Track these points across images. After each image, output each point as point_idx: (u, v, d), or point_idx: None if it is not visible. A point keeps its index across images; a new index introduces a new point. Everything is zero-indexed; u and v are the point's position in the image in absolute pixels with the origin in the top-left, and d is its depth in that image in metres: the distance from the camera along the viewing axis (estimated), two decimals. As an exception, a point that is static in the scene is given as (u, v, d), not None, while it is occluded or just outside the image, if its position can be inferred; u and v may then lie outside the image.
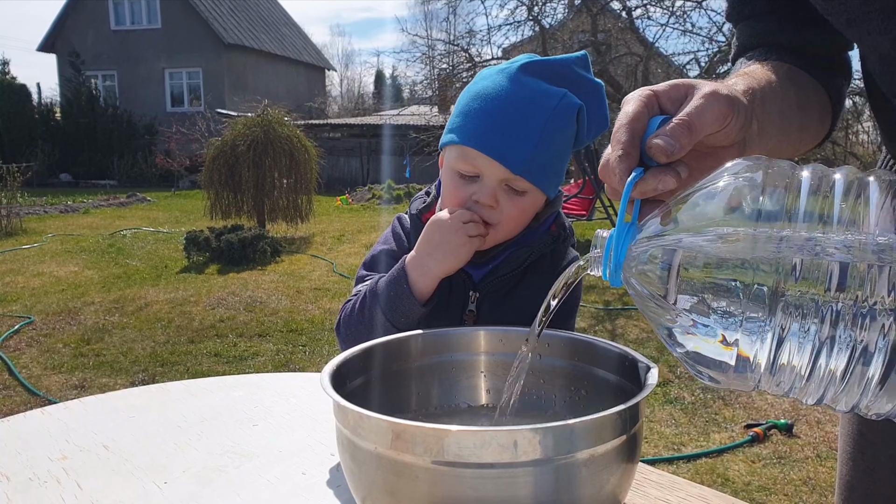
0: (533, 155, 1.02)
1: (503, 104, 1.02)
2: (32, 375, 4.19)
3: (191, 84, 22.78)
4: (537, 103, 1.02)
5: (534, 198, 1.07)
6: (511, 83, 1.04)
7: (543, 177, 1.05)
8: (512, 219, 1.06)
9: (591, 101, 1.07)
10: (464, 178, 1.05)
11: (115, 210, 13.05)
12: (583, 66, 1.08)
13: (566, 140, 1.06)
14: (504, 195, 1.04)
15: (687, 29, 8.38)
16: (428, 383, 0.97)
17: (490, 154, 1.02)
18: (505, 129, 1.02)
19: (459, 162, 1.05)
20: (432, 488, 0.67)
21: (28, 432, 1.11)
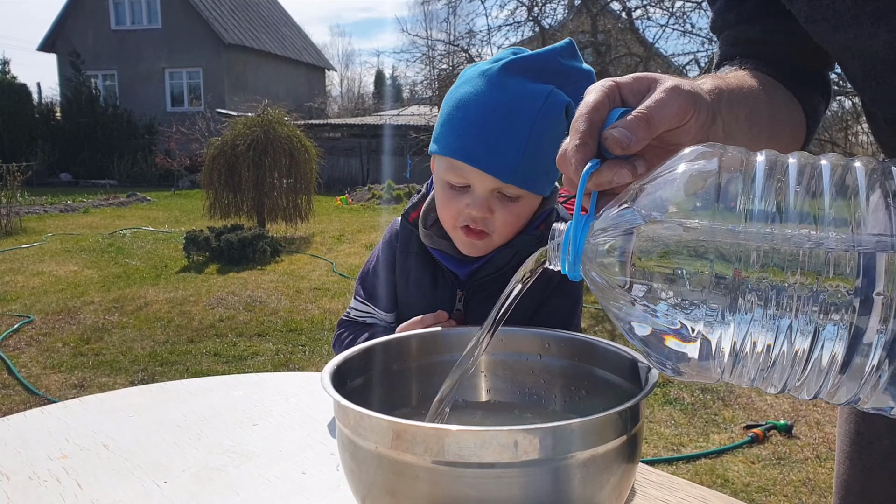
0: (522, 161, 0.99)
1: (487, 111, 0.99)
2: (32, 375, 4.19)
3: (191, 84, 22.78)
4: (522, 106, 0.98)
5: (528, 201, 1.05)
6: (493, 87, 1.00)
7: (536, 180, 1.03)
8: (508, 224, 1.04)
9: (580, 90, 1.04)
10: (455, 189, 1.03)
11: (115, 210, 13.05)
12: (569, 56, 1.03)
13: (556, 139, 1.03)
14: (497, 202, 1.02)
15: (686, 30, 8.39)
16: (428, 383, 0.97)
17: (478, 166, 0.99)
18: (491, 138, 0.98)
19: (448, 173, 1.03)
20: (432, 488, 0.67)
21: (28, 431, 1.11)
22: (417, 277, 1.15)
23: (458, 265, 1.10)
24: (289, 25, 28.78)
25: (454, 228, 1.06)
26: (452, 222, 1.05)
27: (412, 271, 1.16)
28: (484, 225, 1.03)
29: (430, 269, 1.14)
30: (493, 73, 1.00)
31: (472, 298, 1.10)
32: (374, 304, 1.23)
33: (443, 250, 1.10)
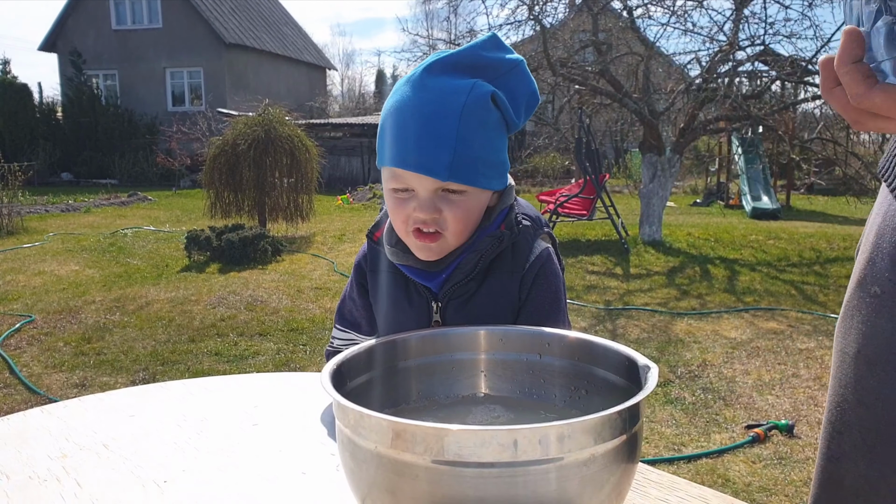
0: (455, 157, 0.98)
1: (413, 114, 0.99)
2: (33, 374, 4.19)
3: (192, 83, 22.78)
4: (446, 103, 0.98)
5: (476, 196, 1.04)
6: (417, 90, 1.00)
7: (477, 174, 1.01)
8: (459, 220, 1.03)
9: (511, 80, 1.02)
10: (400, 195, 1.03)
11: (116, 209, 13.06)
12: (493, 48, 1.03)
13: (491, 129, 1.02)
14: (442, 201, 1.01)
15: (688, 28, 8.37)
16: (428, 383, 0.97)
17: (412, 169, 0.99)
18: (420, 139, 0.98)
19: (391, 181, 1.03)
20: (432, 488, 0.67)
21: (28, 431, 1.11)
22: (391, 295, 1.14)
23: (428, 277, 1.09)
24: (290, 25, 28.78)
25: (406, 235, 1.05)
26: (404, 228, 1.04)
27: (384, 290, 1.15)
28: (436, 225, 1.02)
29: (402, 285, 1.12)
30: (416, 77, 1.01)
31: (447, 307, 1.09)
32: (355, 332, 1.23)
33: (410, 265, 1.09)
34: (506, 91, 1.02)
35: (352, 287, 1.22)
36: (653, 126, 8.06)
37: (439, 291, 1.09)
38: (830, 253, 7.77)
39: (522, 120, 1.06)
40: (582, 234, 8.99)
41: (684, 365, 4.29)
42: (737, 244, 8.22)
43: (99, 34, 22.48)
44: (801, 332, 4.98)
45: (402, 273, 1.11)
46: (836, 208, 12.23)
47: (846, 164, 8.16)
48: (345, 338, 1.23)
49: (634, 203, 10.71)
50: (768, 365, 4.29)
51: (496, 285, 1.08)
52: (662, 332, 5.01)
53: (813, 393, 3.82)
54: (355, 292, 1.21)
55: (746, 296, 6.04)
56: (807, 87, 8.39)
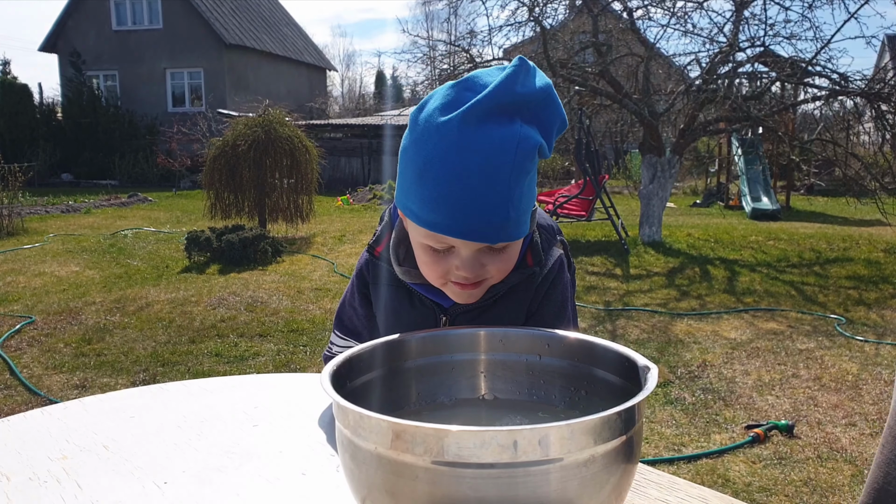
0: (507, 220, 0.92)
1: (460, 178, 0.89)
2: (33, 375, 4.19)
3: (192, 84, 22.78)
4: (495, 164, 0.88)
5: (517, 244, 1.00)
6: (457, 148, 0.88)
7: (522, 227, 0.96)
8: (502, 270, 1.00)
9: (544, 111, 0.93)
10: (438, 252, 0.97)
11: (117, 210, 13.06)
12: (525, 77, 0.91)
13: (532, 178, 0.95)
14: (486, 256, 0.97)
15: (688, 30, 8.37)
16: (428, 383, 0.97)
17: (464, 238, 0.92)
18: (471, 207, 0.89)
19: (428, 239, 0.96)
20: (432, 488, 0.67)
21: (28, 432, 1.11)
22: (394, 307, 1.12)
23: (441, 297, 1.06)
24: (290, 26, 28.78)
25: (444, 285, 1.01)
26: (441, 281, 1.00)
27: (387, 301, 1.13)
28: (477, 277, 0.98)
29: (406, 297, 1.11)
30: (453, 128, 0.89)
31: (455, 321, 1.09)
32: (355, 340, 1.21)
33: (424, 283, 1.05)
34: (540, 126, 0.93)
35: (353, 295, 1.19)
36: (653, 127, 8.06)
37: (449, 307, 1.08)
38: (830, 254, 7.77)
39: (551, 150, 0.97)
40: (582, 234, 8.99)
41: (684, 365, 4.29)
42: (737, 245, 8.22)
43: (99, 35, 22.48)
44: (800, 332, 4.98)
45: (406, 286, 1.09)
46: (836, 209, 12.23)
47: (846, 165, 8.16)
48: (344, 345, 1.21)
49: (634, 204, 10.71)
50: (768, 365, 4.29)
51: (512, 301, 1.08)
52: (662, 332, 5.01)
53: (813, 393, 3.82)
54: (357, 301, 1.19)
55: (746, 296, 6.04)
56: (807, 89, 8.39)
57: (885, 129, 7.89)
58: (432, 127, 0.91)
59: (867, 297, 6.02)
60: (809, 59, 7.74)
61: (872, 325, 5.16)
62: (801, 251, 7.87)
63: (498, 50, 17.48)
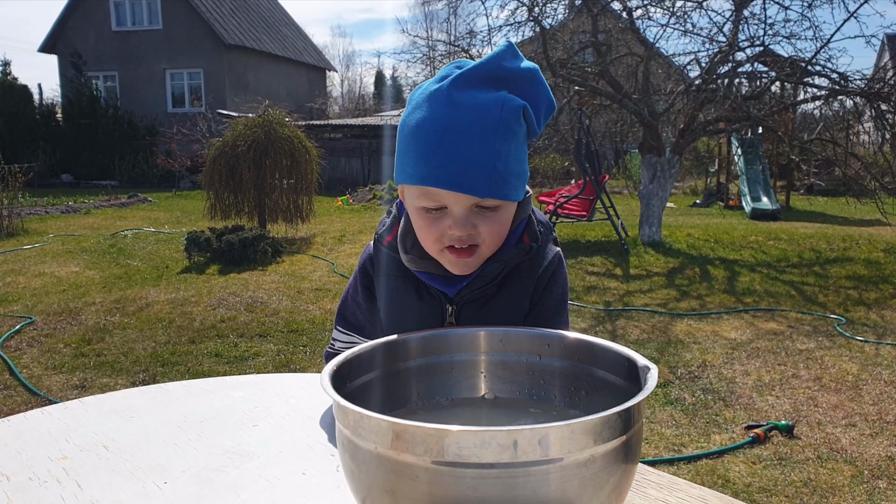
0: (493, 174, 0.97)
1: (448, 132, 0.97)
2: (33, 375, 4.19)
3: (192, 85, 22.79)
4: (481, 119, 0.97)
5: (507, 209, 1.04)
6: (447, 106, 0.98)
7: (510, 188, 1.01)
8: (494, 234, 1.03)
9: (531, 90, 1.02)
10: (432, 213, 1.02)
11: (117, 210, 13.06)
12: (512, 58, 1.01)
13: (520, 142, 1.02)
14: (477, 217, 1.01)
15: (687, 29, 8.37)
16: (428, 383, 0.97)
17: (453, 188, 0.98)
18: (459, 157, 0.97)
19: (421, 199, 1.02)
20: (432, 488, 0.67)
21: (28, 432, 1.11)
22: (400, 299, 1.13)
23: (447, 284, 1.08)
24: (289, 26, 28.78)
25: (440, 252, 1.04)
26: (437, 246, 1.04)
27: (394, 293, 1.14)
28: (471, 240, 1.02)
29: (414, 288, 1.12)
30: (443, 93, 0.98)
31: (462, 310, 1.09)
32: (358, 334, 1.22)
33: (429, 272, 1.08)
34: (529, 100, 1.01)
35: (356, 289, 1.20)
36: (652, 127, 8.06)
37: (455, 296, 1.09)
38: (830, 254, 7.77)
39: (542, 128, 1.05)
40: (582, 234, 8.99)
41: (684, 366, 4.29)
42: (736, 245, 8.22)
43: (99, 35, 22.49)
44: (800, 332, 4.98)
45: (413, 277, 1.11)
46: (836, 209, 12.23)
47: (846, 165, 8.16)
48: (347, 340, 1.22)
49: (634, 204, 10.71)
50: (768, 366, 4.29)
51: (514, 289, 1.09)
52: (662, 332, 5.01)
53: (813, 393, 3.82)
54: (360, 295, 1.20)
55: (746, 296, 6.04)
56: (806, 88, 8.39)
57: (884, 129, 7.89)
58: (425, 95, 1.01)
59: (867, 297, 6.02)
60: (809, 58, 7.74)
61: (872, 326, 5.16)
62: (801, 251, 7.87)
63: (498, 50, 17.41)
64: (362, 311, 1.21)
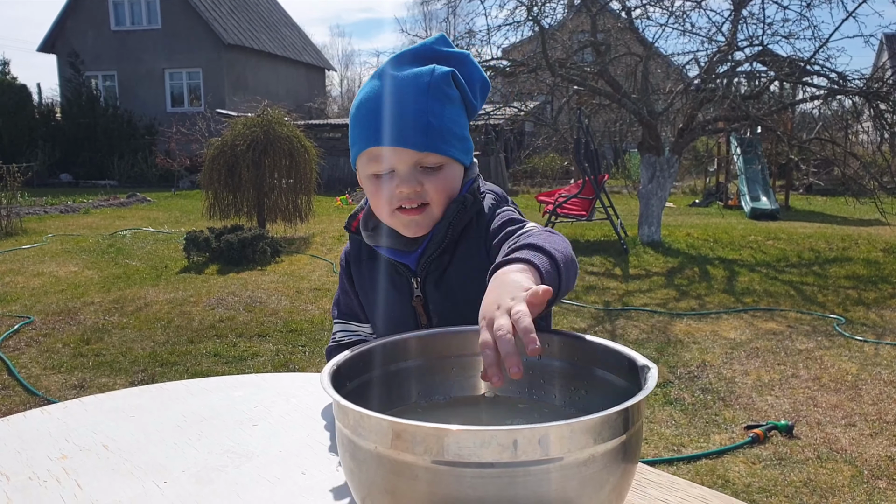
0: (429, 128, 1.06)
1: (384, 97, 1.08)
2: (32, 375, 4.19)
3: (191, 84, 22.77)
4: (413, 84, 1.07)
5: (451, 169, 1.11)
6: (385, 79, 1.09)
7: (449, 145, 1.09)
8: (441, 191, 1.09)
9: (464, 68, 1.13)
10: (381, 178, 1.10)
11: (115, 210, 13.05)
12: (444, 45, 1.14)
13: (454, 106, 1.10)
14: (423, 175, 1.08)
15: (686, 29, 8.36)
16: (427, 383, 0.97)
17: (393, 143, 1.06)
18: (395, 117, 1.06)
19: (371, 165, 1.10)
20: (432, 488, 0.67)
21: (28, 432, 1.11)
22: (374, 280, 1.20)
23: (404, 256, 1.15)
24: (289, 26, 28.77)
25: (392, 215, 1.11)
26: (389, 209, 1.10)
27: (368, 276, 1.20)
28: (420, 198, 1.08)
29: (385, 269, 1.18)
30: (380, 71, 1.11)
31: (426, 282, 1.14)
32: (354, 321, 1.27)
33: (387, 245, 1.15)
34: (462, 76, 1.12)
35: (342, 280, 1.28)
36: (651, 126, 8.06)
37: (416, 268, 1.14)
38: (829, 253, 7.77)
39: (479, 104, 1.15)
40: (581, 234, 8.99)
41: (683, 365, 4.29)
42: (736, 245, 8.22)
43: (98, 35, 22.46)
44: (800, 332, 4.99)
45: (381, 257, 1.17)
46: (835, 209, 12.24)
47: (845, 165, 8.16)
48: (346, 329, 1.27)
49: (633, 203, 10.71)
50: (767, 365, 4.29)
51: (466, 253, 1.12)
52: (661, 332, 5.01)
53: (812, 393, 3.82)
54: (346, 284, 1.26)
55: (745, 296, 6.04)
56: (805, 88, 8.39)
57: (883, 129, 7.89)
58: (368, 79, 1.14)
59: (866, 296, 6.02)
60: (808, 58, 7.74)
61: (872, 325, 5.17)
62: (800, 251, 7.87)
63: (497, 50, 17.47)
64: (352, 298, 1.26)
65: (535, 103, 11.14)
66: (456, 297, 1.12)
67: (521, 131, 18.11)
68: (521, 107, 9.75)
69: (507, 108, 9.66)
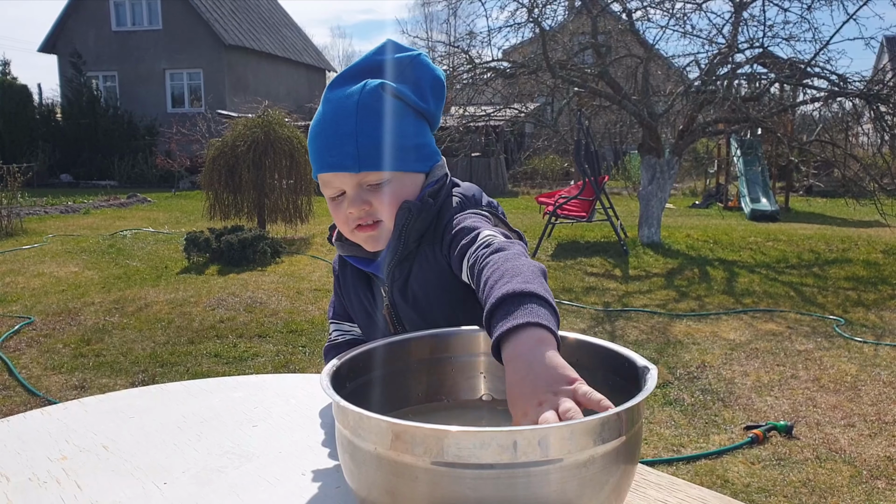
0: (359, 149, 1.06)
1: (321, 124, 1.10)
2: (32, 376, 4.19)
3: (191, 85, 22.78)
4: (343, 106, 1.08)
5: (401, 180, 1.10)
6: (323, 105, 1.11)
7: (389, 159, 1.08)
8: (389, 205, 1.09)
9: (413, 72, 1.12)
10: (336, 201, 1.12)
11: (116, 210, 13.05)
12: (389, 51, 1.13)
13: (395, 117, 1.08)
14: (369, 193, 1.09)
15: (687, 31, 8.37)
16: (427, 384, 0.97)
17: (329, 170, 1.09)
18: (328, 143, 1.08)
19: (326, 189, 1.13)
20: (432, 489, 0.67)
21: (28, 432, 1.11)
22: (355, 287, 1.22)
23: (368, 265, 1.17)
24: (289, 26, 28.78)
25: (351, 233, 1.13)
26: (347, 229, 1.12)
27: (350, 284, 1.22)
28: (371, 217, 1.09)
29: (363, 278, 1.20)
30: (323, 95, 1.13)
31: (392, 290, 1.14)
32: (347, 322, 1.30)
33: (354, 254, 1.17)
34: (409, 82, 1.11)
35: (335, 286, 1.30)
36: (652, 128, 8.07)
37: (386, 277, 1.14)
38: (829, 255, 7.77)
39: (432, 104, 1.13)
40: (581, 235, 9.00)
41: (683, 366, 4.29)
42: (735, 246, 8.22)
43: (99, 35, 22.47)
44: (799, 333, 4.99)
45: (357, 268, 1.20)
46: (835, 210, 12.24)
47: (845, 166, 8.16)
48: (340, 328, 1.30)
49: (633, 205, 10.71)
50: (767, 366, 4.29)
51: (424, 259, 1.11)
52: (661, 333, 5.01)
53: (812, 394, 3.82)
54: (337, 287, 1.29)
55: (745, 297, 6.04)
56: (805, 90, 8.39)
57: (883, 131, 7.89)
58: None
59: (866, 298, 6.02)
60: (808, 60, 7.74)
61: (871, 326, 5.17)
62: (800, 252, 7.87)
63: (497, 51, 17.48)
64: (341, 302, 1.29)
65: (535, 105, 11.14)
66: (420, 304, 1.10)
67: (521, 133, 18.10)
68: (522, 108, 9.75)
69: (508, 110, 9.67)
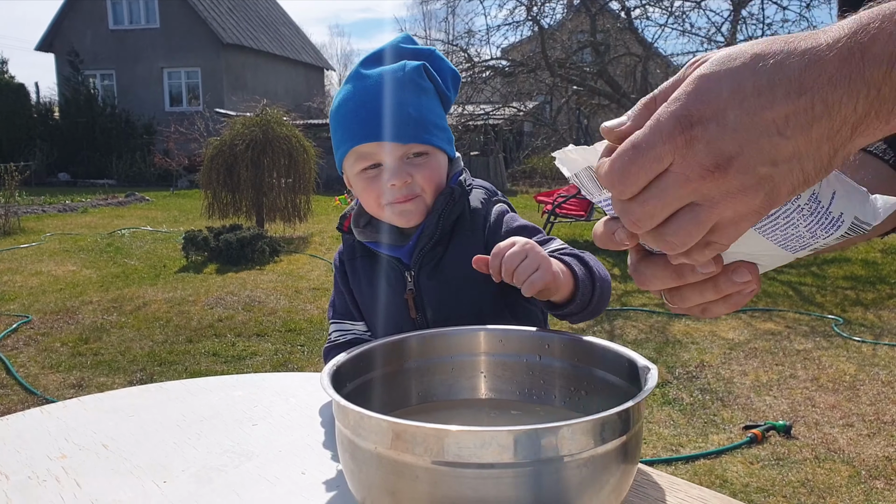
0: (409, 119, 1.09)
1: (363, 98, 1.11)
2: (30, 374, 4.19)
3: (189, 83, 22.75)
4: (388, 81, 1.11)
5: (436, 158, 1.14)
6: (359, 81, 1.13)
7: (430, 134, 1.12)
8: (430, 179, 1.11)
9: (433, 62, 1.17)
10: (369, 173, 1.12)
11: (114, 209, 13.04)
12: (409, 43, 1.19)
13: (430, 97, 1.14)
14: (410, 166, 1.11)
15: (686, 29, 8.38)
16: (428, 384, 0.97)
17: (377, 139, 1.09)
18: (375, 113, 1.09)
19: (360, 162, 1.12)
20: (432, 488, 0.67)
21: (27, 431, 1.11)
22: (368, 276, 1.21)
23: (397, 250, 1.16)
24: (287, 25, 28.75)
25: (382, 208, 1.13)
26: (379, 202, 1.12)
27: (362, 273, 1.22)
28: (410, 189, 1.10)
29: (378, 265, 1.20)
30: (353, 75, 1.14)
31: (419, 275, 1.14)
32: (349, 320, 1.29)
33: (379, 241, 1.17)
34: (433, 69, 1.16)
35: (336, 282, 1.29)
36: (650, 127, 8.05)
37: (410, 261, 1.14)
38: (827, 254, 7.78)
39: (453, 95, 1.18)
40: (580, 234, 9.00)
41: (682, 366, 4.30)
42: (734, 245, 8.22)
43: (96, 34, 22.44)
44: (798, 332, 4.99)
45: (375, 254, 1.19)
46: (833, 209, 12.24)
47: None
48: (341, 328, 1.28)
49: (632, 204, 10.70)
50: (766, 366, 4.30)
51: (461, 244, 1.13)
52: (660, 332, 5.02)
53: (810, 394, 3.83)
54: (341, 284, 1.28)
55: (744, 297, 6.04)
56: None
57: (882, 130, 7.90)
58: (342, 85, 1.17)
59: (864, 297, 6.03)
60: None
61: (870, 326, 5.17)
62: (799, 251, 7.88)
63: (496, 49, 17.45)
64: (346, 299, 1.28)
65: (534, 103, 11.14)
66: (451, 287, 1.12)
67: (520, 131, 18.11)
68: (520, 107, 9.76)
69: (506, 108, 9.67)
